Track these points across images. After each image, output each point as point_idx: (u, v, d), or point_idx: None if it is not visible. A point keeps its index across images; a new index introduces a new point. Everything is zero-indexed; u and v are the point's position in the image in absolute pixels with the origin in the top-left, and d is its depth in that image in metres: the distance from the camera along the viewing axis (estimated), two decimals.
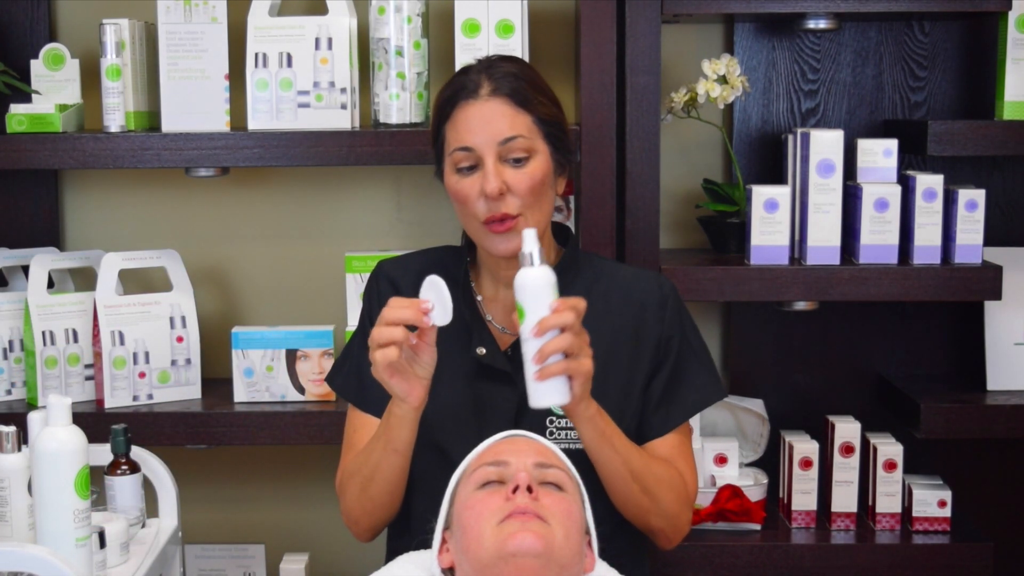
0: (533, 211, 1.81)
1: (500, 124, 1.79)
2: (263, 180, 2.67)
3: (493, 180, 1.78)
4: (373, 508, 1.85)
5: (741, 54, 2.59)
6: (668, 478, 1.83)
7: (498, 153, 1.79)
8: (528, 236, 1.68)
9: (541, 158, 1.81)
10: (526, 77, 1.84)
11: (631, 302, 1.90)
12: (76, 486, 1.70)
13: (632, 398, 1.86)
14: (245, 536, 2.70)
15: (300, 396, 2.44)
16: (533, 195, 1.80)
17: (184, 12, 2.35)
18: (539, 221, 1.82)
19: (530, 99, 1.81)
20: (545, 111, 1.83)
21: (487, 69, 1.84)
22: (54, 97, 2.41)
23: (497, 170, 1.79)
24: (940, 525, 2.42)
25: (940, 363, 2.66)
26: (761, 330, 2.65)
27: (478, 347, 1.86)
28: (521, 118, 1.80)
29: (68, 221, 2.68)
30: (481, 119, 1.80)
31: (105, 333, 2.38)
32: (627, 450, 1.78)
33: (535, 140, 1.81)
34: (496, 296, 1.92)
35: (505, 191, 1.79)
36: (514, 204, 1.80)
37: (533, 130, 1.81)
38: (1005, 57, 2.39)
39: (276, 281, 2.69)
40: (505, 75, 1.82)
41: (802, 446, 2.45)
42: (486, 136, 1.80)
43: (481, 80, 1.82)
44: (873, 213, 2.33)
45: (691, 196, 2.64)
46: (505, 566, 1.53)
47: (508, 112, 1.80)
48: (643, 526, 1.85)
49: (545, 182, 1.82)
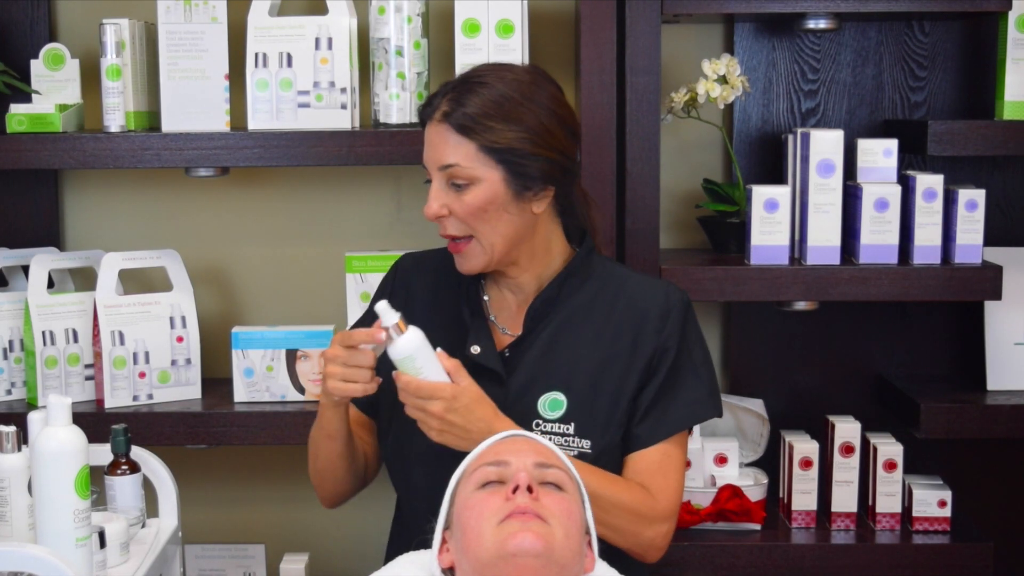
0: (483, 234, 1.82)
1: (442, 150, 1.81)
2: (263, 180, 2.67)
3: (432, 203, 1.83)
4: (321, 481, 1.96)
5: (741, 54, 2.59)
6: (624, 499, 1.80)
7: (442, 176, 1.82)
8: (382, 309, 1.71)
9: (487, 185, 1.79)
10: (493, 101, 1.80)
11: (635, 311, 1.88)
12: (76, 486, 1.70)
13: (620, 407, 1.85)
14: (245, 536, 2.70)
15: (300, 396, 2.44)
16: (474, 219, 1.81)
17: (184, 12, 2.35)
18: (494, 243, 1.83)
19: (475, 127, 1.78)
20: (495, 137, 1.78)
21: (456, 88, 1.83)
22: (54, 97, 2.41)
23: (438, 194, 1.82)
24: (940, 525, 2.42)
25: (940, 363, 2.66)
26: (761, 330, 2.65)
27: (472, 346, 1.86)
28: (462, 146, 1.79)
29: (68, 221, 2.68)
30: (431, 142, 1.83)
31: (105, 333, 2.38)
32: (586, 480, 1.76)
33: (478, 167, 1.79)
34: (501, 297, 1.92)
35: (446, 214, 1.82)
36: (454, 226, 1.83)
37: (477, 157, 1.79)
38: (1005, 57, 2.39)
39: (276, 281, 2.69)
40: (466, 98, 1.80)
41: (802, 446, 2.45)
42: (432, 159, 1.83)
43: (440, 102, 1.82)
44: (873, 213, 2.33)
45: (691, 196, 2.64)
46: (505, 566, 1.53)
47: (449, 139, 1.80)
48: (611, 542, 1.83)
49: (488, 208, 1.80)
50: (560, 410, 1.84)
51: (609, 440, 1.83)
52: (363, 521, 2.71)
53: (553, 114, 1.83)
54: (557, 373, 1.86)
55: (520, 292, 1.91)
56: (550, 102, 1.83)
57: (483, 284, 1.94)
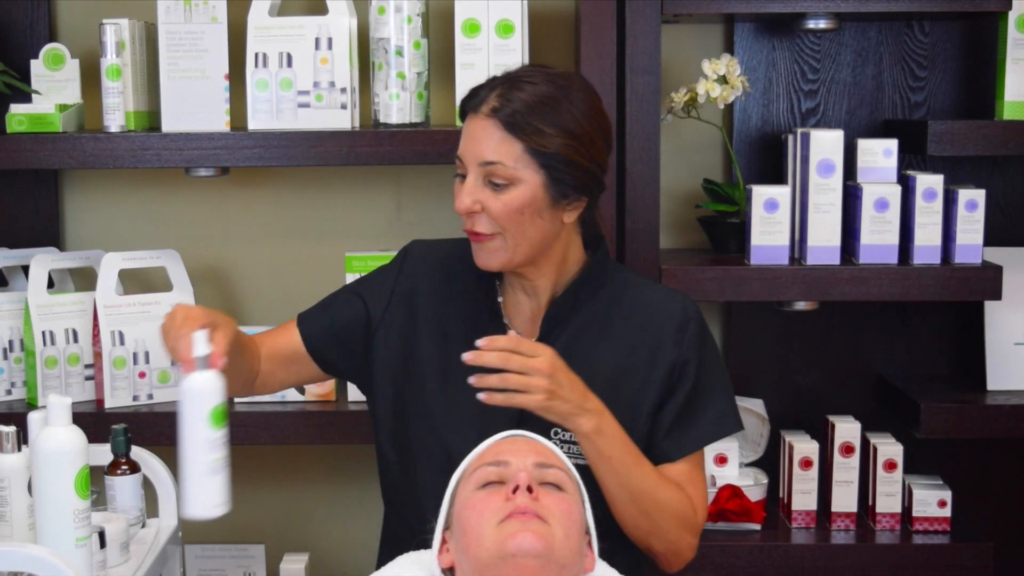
0: (512, 234, 1.80)
1: (485, 146, 1.77)
2: (263, 180, 2.67)
3: (464, 197, 1.79)
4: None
5: (741, 54, 2.59)
6: (674, 503, 1.81)
7: (481, 172, 1.79)
8: (198, 339, 1.65)
9: (526, 187, 1.77)
10: (544, 101, 1.77)
11: (651, 321, 1.86)
12: (76, 486, 1.70)
13: (639, 419, 1.84)
14: (245, 536, 2.70)
15: (300, 396, 2.44)
16: (508, 221, 1.78)
17: (184, 12, 2.35)
18: (519, 245, 1.80)
19: (526, 127, 1.75)
20: (544, 141, 1.76)
21: (505, 83, 1.80)
22: (54, 97, 2.41)
23: (472, 189, 1.79)
24: (940, 525, 2.42)
25: (940, 363, 2.66)
26: (761, 330, 2.65)
27: None
28: (509, 145, 1.76)
29: (68, 221, 2.68)
30: (473, 135, 1.80)
31: (105, 333, 2.38)
32: (628, 471, 1.76)
33: (522, 169, 1.77)
34: (516, 302, 1.90)
35: (478, 211, 1.79)
36: (485, 224, 1.80)
37: (522, 158, 1.76)
38: (1005, 57, 2.39)
39: (276, 281, 2.69)
40: (516, 96, 1.77)
41: (802, 446, 2.45)
42: (472, 154, 1.79)
43: (489, 96, 1.79)
44: (873, 213, 2.33)
45: (691, 196, 2.64)
46: (505, 566, 1.53)
47: (497, 136, 1.77)
48: (643, 546, 1.84)
49: (524, 211, 1.78)
50: None
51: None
52: (363, 521, 2.71)
53: (595, 122, 1.81)
54: None
55: (535, 296, 1.89)
56: (592, 110, 1.82)
57: (497, 285, 1.92)
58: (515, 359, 1.69)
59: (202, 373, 1.64)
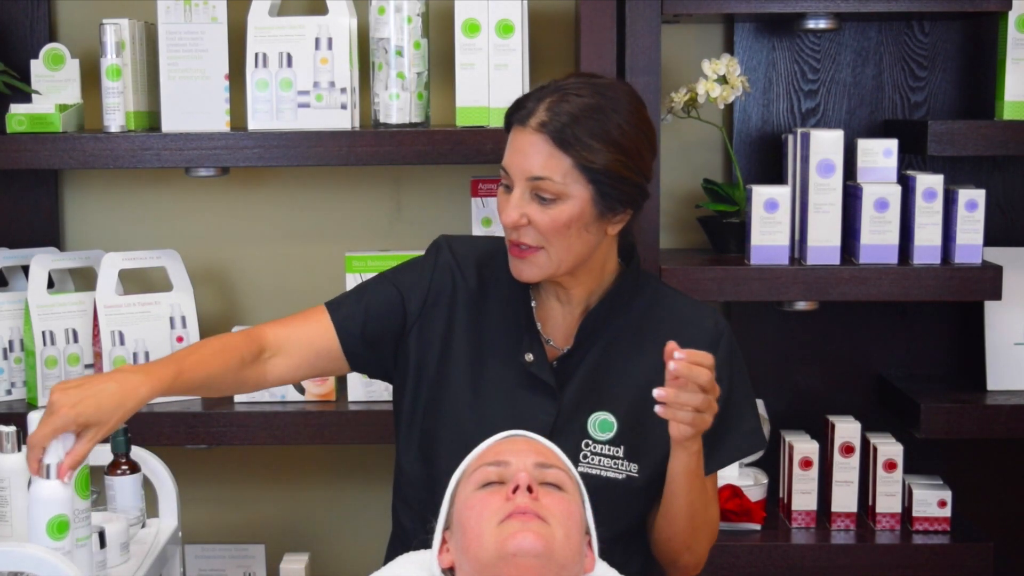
0: (556, 248, 1.78)
1: (534, 161, 1.75)
2: (263, 180, 2.67)
3: (511, 211, 1.77)
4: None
5: (741, 54, 2.59)
6: (712, 522, 1.84)
7: (528, 186, 1.76)
8: (52, 449, 1.62)
9: (574, 203, 1.75)
10: (590, 115, 1.75)
11: (684, 335, 1.79)
12: (76, 486, 1.70)
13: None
14: (245, 536, 2.70)
15: (300, 396, 2.44)
16: (554, 235, 1.76)
17: (184, 12, 2.35)
18: (563, 259, 1.79)
19: (576, 142, 1.73)
20: (593, 157, 1.73)
21: (555, 94, 1.77)
22: (54, 97, 2.41)
23: (520, 203, 1.76)
24: (940, 525, 2.42)
25: (940, 363, 2.66)
26: (761, 330, 2.65)
27: (527, 353, 1.83)
28: (558, 160, 1.74)
29: (68, 221, 2.68)
30: (521, 149, 1.77)
31: (105, 333, 2.38)
32: (694, 493, 1.77)
33: (570, 184, 1.74)
34: (548, 308, 1.89)
35: (525, 224, 1.77)
36: (531, 237, 1.78)
37: (571, 174, 1.74)
38: (1005, 57, 2.39)
39: (276, 281, 2.69)
40: (565, 109, 1.74)
41: (802, 446, 2.45)
42: (520, 167, 1.77)
43: (537, 108, 1.76)
44: (873, 213, 2.33)
45: (691, 196, 2.64)
46: (505, 566, 1.53)
47: (545, 151, 1.74)
48: (669, 559, 1.84)
49: (571, 225, 1.76)
50: (610, 432, 1.82)
51: (658, 465, 1.80)
52: (363, 521, 2.71)
53: (641, 132, 1.79)
54: (607, 393, 1.83)
55: (569, 304, 1.87)
56: (638, 119, 1.79)
57: (530, 291, 1.89)
58: (704, 373, 1.65)
59: (45, 483, 1.62)
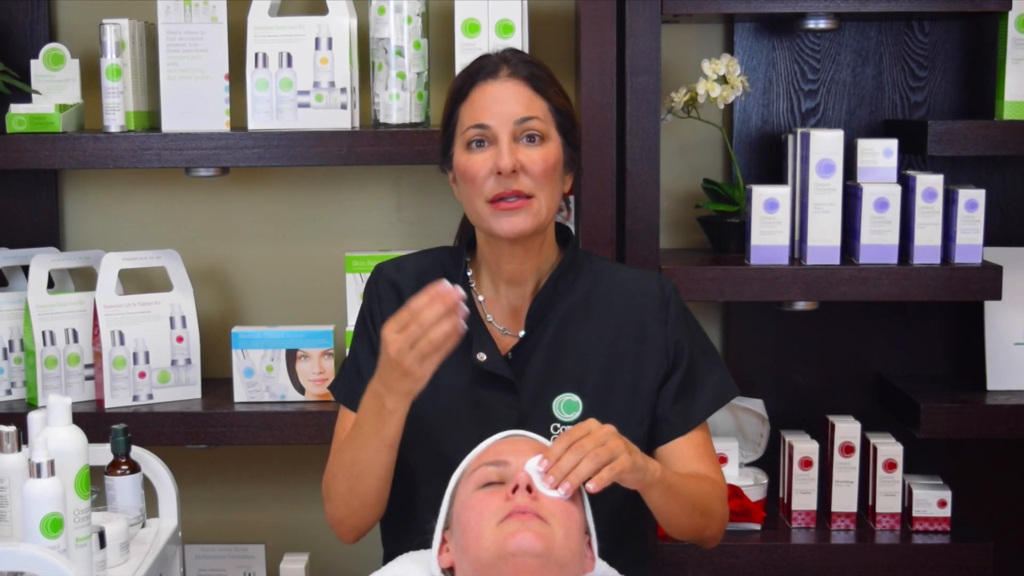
0: (545, 195, 1.81)
1: (517, 104, 1.81)
2: (263, 180, 2.67)
3: (507, 156, 1.77)
4: (360, 506, 1.81)
5: (741, 54, 2.59)
6: (714, 491, 1.84)
7: (513, 132, 1.79)
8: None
9: (554, 145, 1.82)
10: (543, 68, 1.86)
11: (633, 304, 1.89)
12: (76, 486, 1.70)
13: (640, 400, 1.85)
14: (245, 536, 2.70)
15: (300, 396, 2.44)
16: (546, 177, 1.80)
17: (184, 12, 2.35)
18: (550, 207, 1.82)
19: (547, 87, 1.83)
20: (559, 102, 1.84)
21: (504, 57, 1.86)
22: (54, 97, 2.41)
23: (511, 148, 1.79)
24: (940, 525, 2.42)
25: (940, 363, 2.66)
26: (761, 330, 2.65)
27: (478, 352, 1.84)
28: (538, 102, 1.82)
29: (68, 221, 2.68)
30: (498, 98, 1.81)
31: (105, 333, 2.38)
32: (685, 486, 1.77)
33: (549, 127, 1.82)
34: (497, 296, 1.90)
35: (519, 169, 1.78)
36: (527, 183, 1.79)
37: (548, 117, 1.82)
38: (1005, 57, 2.39)
39: (276, 281, 2.69)
40: (523, 62, 1.85)
41: (802, 446, 2.45)
42: (503, 115, 1.80)
43: (500, 65, 1.84)
44: (873, 213, 2.33)
45: (691, 196, 2.64)
46: (505, 566, 1.53)
47: (526, 94, 1.81)
48: (696, 539, 1.85)
49: (557, 168, 1.82)
50: (576, 411, 1.83)
51: (631, 435, 1.78)
52: None
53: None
54: (567, 374, 1.85)
55: (517, 287, 1.88)
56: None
57: (473, 286, 1.90)
58: (585, 442, 1.61)
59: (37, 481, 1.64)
